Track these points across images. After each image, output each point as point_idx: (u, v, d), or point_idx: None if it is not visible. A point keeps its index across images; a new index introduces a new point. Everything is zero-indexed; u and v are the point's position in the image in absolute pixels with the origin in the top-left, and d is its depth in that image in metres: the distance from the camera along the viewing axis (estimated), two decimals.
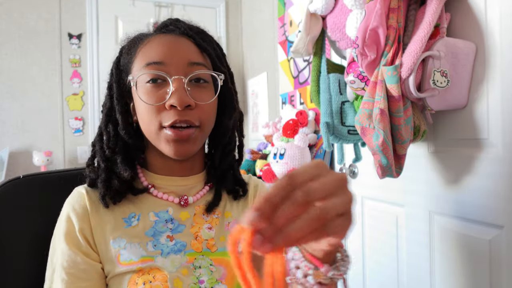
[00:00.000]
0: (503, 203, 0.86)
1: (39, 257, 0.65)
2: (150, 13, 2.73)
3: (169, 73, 0.58)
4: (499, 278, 0.87)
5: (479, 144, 0.92)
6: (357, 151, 1.17)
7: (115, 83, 0.63)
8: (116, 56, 0.66)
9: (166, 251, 0.59)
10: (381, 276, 1.31)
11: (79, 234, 0.58)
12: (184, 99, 0.57)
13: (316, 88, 1.11)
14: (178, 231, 0.62)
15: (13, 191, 0.66)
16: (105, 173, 0.62)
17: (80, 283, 0.56)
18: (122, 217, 0.61)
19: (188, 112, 0.59)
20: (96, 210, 0.60)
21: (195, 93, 0.60)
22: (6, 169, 2.28)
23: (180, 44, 0.61)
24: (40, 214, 0.67)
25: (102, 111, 0.66)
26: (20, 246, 0.64)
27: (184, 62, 0.60)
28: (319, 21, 1.09)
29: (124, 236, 0.59)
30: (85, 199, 0.61)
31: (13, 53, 2.43)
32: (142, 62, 0.60)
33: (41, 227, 0.66)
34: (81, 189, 0.63)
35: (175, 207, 0.64)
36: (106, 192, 0.60)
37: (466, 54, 0.89)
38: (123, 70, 0.64)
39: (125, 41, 0.67)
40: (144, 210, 0.62)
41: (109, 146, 0.62)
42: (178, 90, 0.57)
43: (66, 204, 0.62)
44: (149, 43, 0.61)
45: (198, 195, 0.67)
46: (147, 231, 0.60)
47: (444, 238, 1.03)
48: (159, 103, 0.58)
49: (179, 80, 0.58)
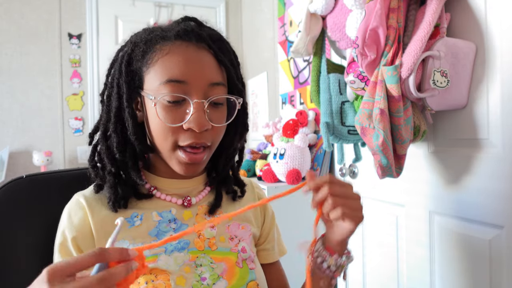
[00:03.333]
0: (503, 203, 0.86)
1: (41, 256, 0.65)
2: (150, 13, 2.73)
3: (190, 93, 0.57)
4: (499, 278, 0.87)
5: (479, 144, 0.92)
6: (357, 151, 1.17)
7: (126, 83, 0.60)
8: (126, 52, 0.61)
9: (170, 249, 0.59)
10: (381, 276, 1.31)
11: (71, 244, 0.58)
12: (203, 124, 0.57)
13: (316, 88, 1.11)
14: (181, 230, 0.62)
15: (15, 190, 0.66)
16: (113, 177, 0.61)
17: None
18: (124, 218, 0.61)
19: (204, 134, 0.59)
20: (97, 214, 0.60)
21: (212, 115, 0.59)
22: (6, 169, 2.28)
23: (202, 61, 0.59)
24: (42, 213, 0.67)
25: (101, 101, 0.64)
26: (22, 245, 0.64)
27: (205, 83, 0.58)
28: (319, 21, 1.09)
29: (127, 238, 0.59)
30: (84, 208, 0.60)
31: (13, 53, 2.43)
32: (162, 76, 0.57)
33: (43, 227, 0.66)
34: (80, 197, 0.62)
35: (178, 207, 0.65)
36: (115, 198, 0.60)
37: (466, 54, 0.89)
38: (135, 71, 0.61)
39: (139, 39, 0.61)
40: (147, 210, 0.63)
41: (119, 150, 0.61)
42: (197, 113, 0.57)
43: (64, 211, 0.62)
44: (170, 54, 0.58)
45: (200, 196, 0.67)
46: (151, 231, 0.61)
47: (444, 238, 1.04)
48: (178, 124, 0.57)
49: (199, 104, 0.57)
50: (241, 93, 0.65)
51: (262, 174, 1.70)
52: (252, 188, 0.78)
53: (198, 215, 0.65)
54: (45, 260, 0.64)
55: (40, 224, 0.66)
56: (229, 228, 0.67)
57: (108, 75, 0.66)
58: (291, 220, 1.56)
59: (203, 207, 0.67)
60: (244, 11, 2.86)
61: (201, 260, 0.61)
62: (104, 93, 0.65)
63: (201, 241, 0.62)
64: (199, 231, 0.63)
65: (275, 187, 1.56)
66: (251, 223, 0.71)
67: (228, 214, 0.51)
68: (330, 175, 0.56)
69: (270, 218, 0.77)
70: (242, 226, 0.69)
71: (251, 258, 0.66)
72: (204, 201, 0.68)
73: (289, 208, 1.57)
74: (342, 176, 1.50)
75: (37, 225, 0.66)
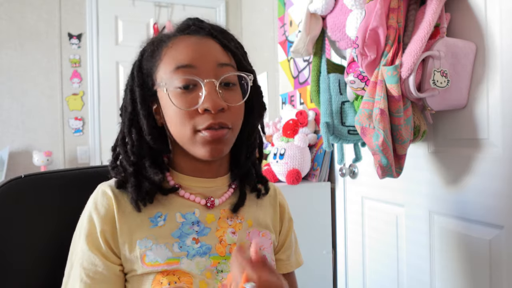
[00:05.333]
0: (503, 203, 0.86)
1: (40, 256, 0.65)
2: (150, 13, 2.73)
3: (200, 76, 0.58)
4: (499, 278, 0.87)
5: (479, 144, 0.92)
6: (357, 151, 1.17)
7: (138, 87, 0.62)
8: (137, 59, 0.64)
9: (192, 253, 0.59)
10: (381, 276, 1.31)
11: (100, 236, 0.57)
12: (218, 103, 0.57)
13: (316, 88, 1.11)
14: (203, 234, 0.62)
15: (14, 190, 0.65)
16: (134, 177, 0.61)
17: (97, 284, 0.56)
18: (148, 217, 0.60)
19: (221, 115, 0.59)
20: (123, 210, 0.60)
21: (226, 96, 0.60)
22: (6, 169, 2.28)
23: (207, 45, 0.60)
24: (41, 213, 0.67)
25: (121, 114, 0.65)
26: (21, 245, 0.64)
27: (213, 64, 0.59)
28: (319, 21, 1.09)
29: (150, 237, 0.59)
30: (111, 200, 0.60)
31: (13, 53, 2.43)
32: (170, 66, 0.59)
33: (42, 227, 0.66)
34: (106, 188, 0.61)
35: (201, 208, 0.64)
36: (137, 196, 0.60)
37: (466, 54, 0.89)
38: (146, 74, 0.63)
39: (145, 44, 0.65)
40: (170, 211, 0.62)
41: (133, 152, 0.61)
42: (211, 94, 0.57)
43: (90, 202, 0.61)
44: (174, 45, 0.60)
45: (223, 197, 0.67)
46: (174, 232, 0.60)
47: (444, 238, 1.03)
48: (192, 107, 0.58)
49: (211, 84, 0.58)
50: (252, 72, 0.65)
51: None
52: (275, 194, 0.76)
53: (221, 219, 0.65)
54: (45, 260, 0.64)
55: (39, 224, 0.66)
56: (249, 235, 0.66)
57: (125, 90, 0.67)
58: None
59: (225, 211, 0.66)
60: (244, 11, 2.86)
61: (222, 266, 0.60)
62: (122, 107, 0.66)
63: (223, 247, 0.62)
64: (220, 236, 0.63)
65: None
66: (270, 230, 0.70)
67: None
68: (261, 258, 0.48)
69: (287, 224, 0.76)
70: (262, 233, 0.68)
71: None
72: (227, 204, 0.67)
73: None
74: (342, 176, 1.50)
75: (36, 225, 0.66)
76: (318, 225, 1.62)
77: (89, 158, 2.60)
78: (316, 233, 1.61)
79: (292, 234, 0.78)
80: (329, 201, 1.64)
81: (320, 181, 1.63)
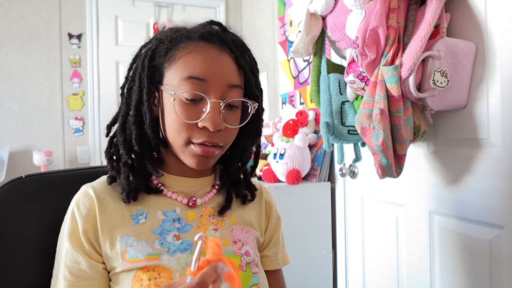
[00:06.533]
0: (503, 203, 0.86)
1: (41, 256, 0.65)
2: (150, 13, 2.73)
3: (208, 92, 0.59)
4: (499, 278, 0.87)
5: (479, 144, 0.92)
6: (357, 151, 1.17)
7: (147, 78, 0.61)
8: (150, 48, 0.63)
9: (172, 249, 0.60)
10: (381, 276, 1.31)
11: (82, 235, 0.58)
12: (218, 124, 0.58)
13: (316, 88, 1.11)
14: (185, 230, 0.62)
15: (15, 191, 0.66)
16: (128, 168, 0.62)
17: (81, 281, 0.57)
18: (129, 215, 0.61)
19: (217, 134, 0.60)
20: (104, 207, 0.61)
21: (227, 116, 0.61)
22: (6, 169, 2.28)
23: (223, 63, 0.61)
24: (42, 214, 0.67)
25: (121, 94, 0.65)
26: (21, 245, 0.64)
27: (224, 84, 0.60)
28: (319, 21, 1.09)
29: (131, 234, 0.59)
30: (93, 200, 0.61)
31: (13, 53, 2.43)
32: (183, 72, 0.59)
33: (43, 227, 0.66)
34: (89, 188, 0.63)
35: (183, 207, 0.65)
36: (129, 188, 0.61)
37: (466, 54, 0.89)
38: (157, 67, 0.63)
39: (164, 36, 0.63)
40: (152, 209, 0.63)
41: (137, 142, 0.62)
42: (213, 113, 0.58)
43: (72, 202, 0.62)
44: (193, 52, 0.60)
45: (206, 198, 0.68)
46: (155, 229, 0.61)
47: (444, 238, 1.03)
48: (193, 121, 0.59)
49: (216, 104, 0.59)
50: (258, 99, 0.66)
51: (262, 174, 1.70)
52: (261, 193, 0.77)
53: (203, 216, 0.66)
54: (45, 260, 0.64)
55: (40, 224, 0.66)
56: (232, 232, 0.67)
57: (129, 69, 0.67)
58: (292, 228, 1.56)
59: (207, 209, 0.67)
60: (244, 11, 2.86)
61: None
62: (124, 87, 0.66)
63: (204, 243, 0.62)
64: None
65: (275, 187, 1.56)
66: (254, 227, 0.71)
67: None
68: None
69: (274, 223, 0.77)
70: (246, 230, 0.69)
71: (255, 262, 0.66)
72: (209, 203, 0.68)
73: (291, 215, 1.57)
74: (342, 176, 1.50)
75: (36, 225, 0.66)
76: (318, 225, 1.62)
77: (89, 158, 2.60)
78: (316, 233, 1.61)
79: (280, 232, 0.78)
80: (329, 201, 1.64)
81: (320, 181, 1.63)
